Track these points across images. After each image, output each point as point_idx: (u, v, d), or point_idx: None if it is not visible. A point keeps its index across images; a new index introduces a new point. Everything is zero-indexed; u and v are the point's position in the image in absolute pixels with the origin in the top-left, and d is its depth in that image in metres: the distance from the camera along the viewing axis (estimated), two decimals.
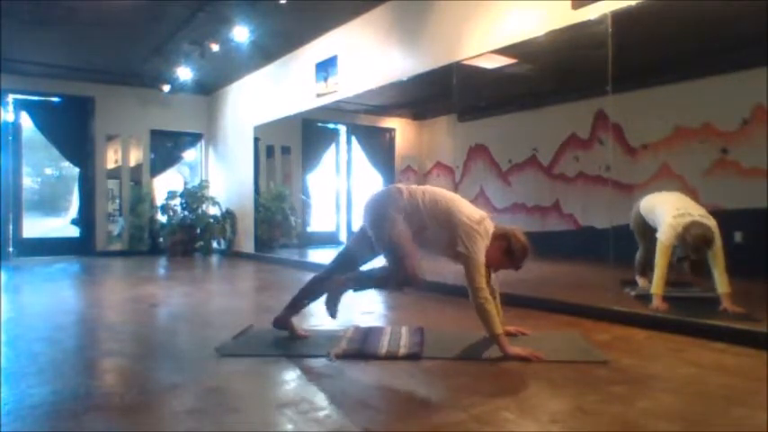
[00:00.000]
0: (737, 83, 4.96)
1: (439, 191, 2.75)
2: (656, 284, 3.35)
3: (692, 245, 3.23)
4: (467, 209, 2.66)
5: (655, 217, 3.59)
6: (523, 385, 2.14)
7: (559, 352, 2.59)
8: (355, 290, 2.87)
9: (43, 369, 2.38)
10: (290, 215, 8.47)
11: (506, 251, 2.64)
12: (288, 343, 2.80)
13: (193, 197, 8.76)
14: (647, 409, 1.86)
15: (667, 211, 3.45)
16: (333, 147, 8.86)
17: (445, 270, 3.62)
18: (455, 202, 2.69)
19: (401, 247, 2.58)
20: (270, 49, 6.93)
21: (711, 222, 3.29)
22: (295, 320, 3.57)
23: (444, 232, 2.62)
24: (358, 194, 8.91)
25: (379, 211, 2.68)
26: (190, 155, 9.93)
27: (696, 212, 3.36)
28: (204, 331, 3.27)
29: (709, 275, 3.34)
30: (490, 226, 2.67)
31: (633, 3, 3.47)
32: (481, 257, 2.55)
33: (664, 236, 3.37)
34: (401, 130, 8.87)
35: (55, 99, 8.44)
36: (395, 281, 2.65)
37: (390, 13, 5.58)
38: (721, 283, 3.24)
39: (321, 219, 9.10)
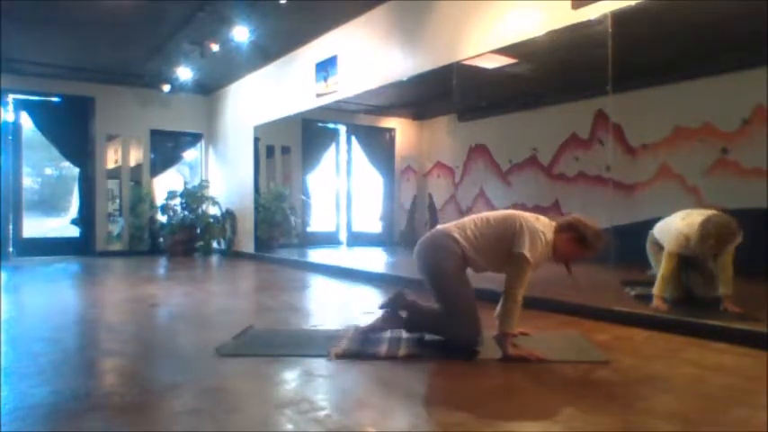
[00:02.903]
0: (737, 83, 4.96)
1: (489, 213, 2.71)
2: (658, 286, 3.36)
3: (714, 234, 3.15)
4: (521, 213, 2.63)
5: (665, 233, 3.55)
6: (524, 385, 2.14)
7: (559, 352, 2.59)
8: (408, 329, 2.77)
9: (43, 369, 2.38)
10: (289, 215, 8.47)
11: (578, 240, 2.54)
12: (288, 343, 2.80)
13: (193, 197, 8.76)
14: (647, 409, 1.86)
15: (674, 220, 3.47)
16: (333, 147, 8.87)
17: None
18: (508, 212, 2.65)
19: (464, 312, 2.53)
20: (270, 49, 6.93)
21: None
22: (295, 320, 3.58)
23: (502, 243, 2.53)
24: (358, 194, 8.92)
25: (436, 266, 2.60)
26: (190, 155, 9.93)
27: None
28: (204, 331, 3.27)
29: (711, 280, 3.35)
30: (549, 222, 2.61)
31: (633, 3, 3.47)
32: (529, 254, 2.46)
33: (671, 245, 3.38)
34: (401, 130, 8.87)
35: (55, 99, 8.44)
36: (457, 344, 2.55)
37: (390, 13, 5.58)
38: (725, 284, 3.23)
39: (321, 219, 9.10)
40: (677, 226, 3.39)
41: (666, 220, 3.67)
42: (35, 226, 8.73)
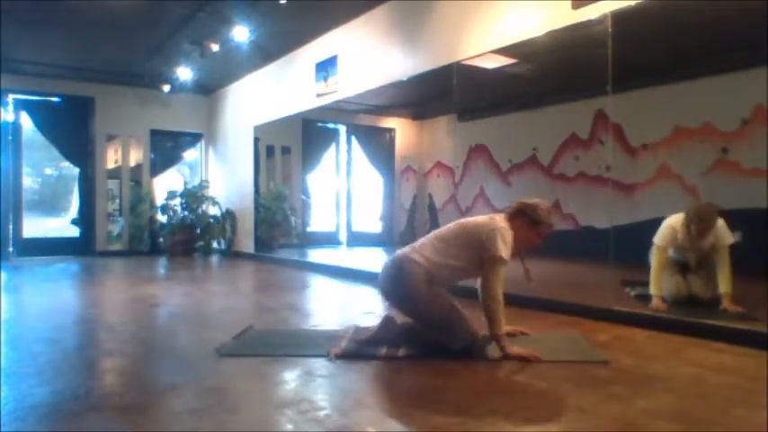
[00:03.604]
0: (737, 83, 4.96)
1: (443, 227, 2.73)
2: (653, 284, 3.38)
3: (696, 217, 3.29)
4: (475, 218, 2.66)
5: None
6: (524, 385, 2.14)
7: (559, 352, 2.60)
8: (406, 343, 2.67)
9: (43, 369, 2.38)
10: (290, 215, 8.47)
11: (531, 222, 2.59)
12: (288, 343, 2.80)
13: (193, 197, 8.77)
14: (647, 409, 1.86)
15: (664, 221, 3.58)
16: (333, 147, 8.87)
17: None
18: (462, 221, 2.69)
19: (451, 323, 2.52)
20: (270, 49, 6.93)
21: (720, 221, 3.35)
22: (295, 320, 3.58)
23: (472, 253, 2.55)
24: (358, 194, 8.92)
25: (405, 293, 2.59)
26: (190, 155, 9.93)
27: None
28: (204, 331, 3.27)
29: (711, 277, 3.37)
30: (502, 217, 2.64)
31: (633, 3, 3.47)
32: (505, 255, 2.48)
33: (658, 239, 3.48)
34: (401, 130, 8.87)
35: (55, 99, 8.44)
36: (458, 345, 2.53)
37: (390, 13, 5.58)
38: (724, 282, 3.26)
39: (321, 219, 9.10)
40: (664, 225, 3.49)
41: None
42: (35, 226, 8.72)
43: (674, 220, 3.46)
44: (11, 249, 8.01)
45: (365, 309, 3.88)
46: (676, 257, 3.62)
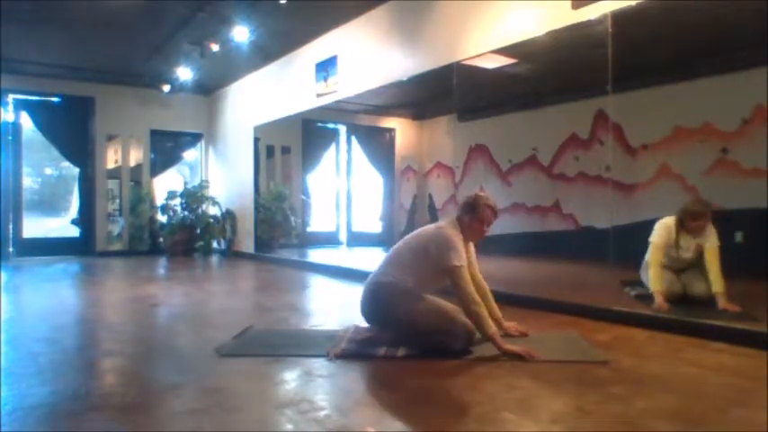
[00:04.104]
0: (737, 83, 4.96)
1: (400, 244, 2.79)
2: (653, 282, 3.40)
3: (688, 211, 3.43)
4: (423, 229, 2.76)
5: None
6: (523, 385, 2.14)
7: (559, 352, 2.60)
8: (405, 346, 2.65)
9: (43, 369, 2.38)
10: (289, 215, 8.47)
11: (476, 217, 2.71)
12: (288, 343, 2.80)
13: (193, 197, 8.76)
14: (647, 409, 1.86)
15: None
16: (333, 147, 8.87)
17: None
18: (413, 236, 2.76)
19: (438, 325, 2.52)
20: (270, 49, 6.93)
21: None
22: (295, 320, 3.58)
23: (426, 263, 2.63)
24: (358, 194, 8.91)
25: (387, 316, 2.63)
26: (190, 155, 9.93)
27: None
28: (204, 331, 3.27)
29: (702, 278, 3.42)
30: (449, 220, 2.76)
31: (633, 3, 3.47)
32: (460, 259, 2.57)
33: (653, 237, 3.55)
34: (401, 130, 8.87)
35: (55, 99, 8.43)
36: (457, 345, 2.54)
37: (390, 13, 5.58)
38: (716, 282, 3.30)
39: (321, 219, 9.10)
40: (660, 222, 3.58)
41: None
42: (35, 226, 8.72)
43: (668, 220, 3.56)
44: (11, 249, 8.01)
45: None
46: (668, 261, 3.63)
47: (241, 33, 5.95)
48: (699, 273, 3.52)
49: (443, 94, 5.29)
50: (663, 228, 3.53)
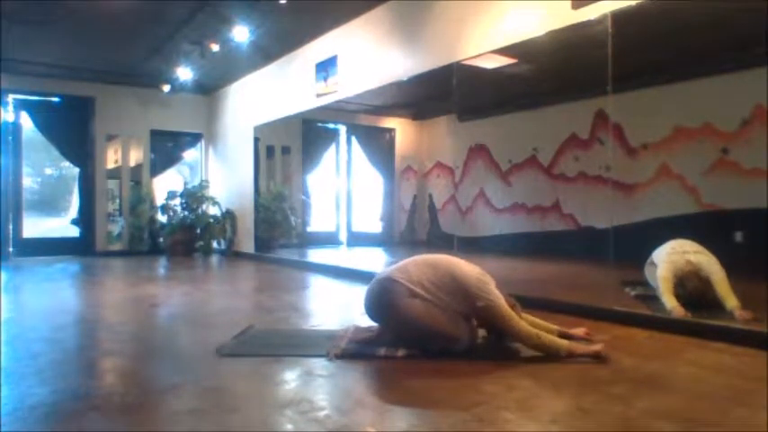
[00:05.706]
0: (737, 83, 4.96)
1: (429, 256, 2.70)
2: (667, 300, 3.28)
3: (681, 277, 3.38)
4: (466, 266, 2.64)
5: (659, 260, 3.65)
6: (523, 385, 2.14)
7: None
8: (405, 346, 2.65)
9: (43, 369, 2.38)
10: (289, 215, 8.47)
11: None
12: (288, 343, 2.80)
13: (193, 197, 8.76)
14: (648, 409, 1.86)
15: (665, 250, 3.60)
16: (333, 147, 8.86)
17: None
18: (453, 262, 2.65)
19: (441, 328, 2.50)
20: (270, 49, 6.93)
21: (704, 258, 3.39)
22: (295, 320, 3.58)
23: (451, 297, 2.53)
24: (358, 194, 8.91)
25: (392, 312, 2.57)
26: (190, 155, 9.93)
27: (692, 249, 3.48)
28: (204, 331, 3.27)
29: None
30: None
31: (633, 3, 3.46)
32: (501, 300, 2.50)
33: (662, 271, 3.46)
34: (401, 130, 8.87)
35: (55, 99, 8.43)
36: (460, 347, 2.52)
37: (390, 13, 5.58)
38: (729, 300, 3.18)
39: (321, 219, 9.10)
40: (666, 260, 3.51)
41: (660, 248, 3.75)
42: (35, 226, 8.73)
43: (667, 256, 3.50)
44: (11, 249, 8.01)
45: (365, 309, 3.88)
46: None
47: (241, 33, 5.95)
48: (709, 285, 3.45)
49: (443, 94, 5.28)
50: (670, 264, 3.44)
